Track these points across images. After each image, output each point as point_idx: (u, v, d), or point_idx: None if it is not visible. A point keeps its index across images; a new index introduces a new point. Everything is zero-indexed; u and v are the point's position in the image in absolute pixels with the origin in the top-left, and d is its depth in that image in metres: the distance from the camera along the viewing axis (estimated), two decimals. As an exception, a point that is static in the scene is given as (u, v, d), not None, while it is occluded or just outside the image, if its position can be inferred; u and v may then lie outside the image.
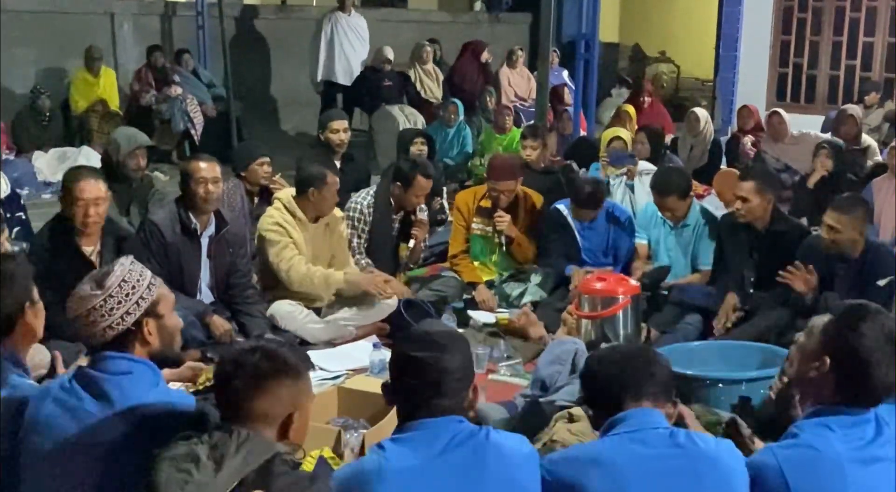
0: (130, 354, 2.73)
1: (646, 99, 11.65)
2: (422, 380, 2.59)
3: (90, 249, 4.96)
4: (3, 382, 2.81)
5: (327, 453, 3.69)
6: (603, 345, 2.95)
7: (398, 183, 6.39)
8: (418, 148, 8.14)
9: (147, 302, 2.75)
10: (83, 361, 3.47)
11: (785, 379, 3.41)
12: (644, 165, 7.83)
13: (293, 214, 5.78)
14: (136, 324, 2.73)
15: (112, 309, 2.69)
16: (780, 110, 9.30)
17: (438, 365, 2.59)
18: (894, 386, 2.62)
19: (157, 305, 2.79)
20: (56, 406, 2.66)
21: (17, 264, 3.02)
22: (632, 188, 7.58)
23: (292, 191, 5.91)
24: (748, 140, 9.89)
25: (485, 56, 12.54)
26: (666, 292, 5.97)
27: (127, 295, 2.72)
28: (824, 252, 5.30)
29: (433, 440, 2.53)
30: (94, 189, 4.90)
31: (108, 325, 2.69)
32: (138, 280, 2.76)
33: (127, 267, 2.78)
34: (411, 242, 6.58)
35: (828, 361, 2.64)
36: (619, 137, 8.10)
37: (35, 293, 3.00)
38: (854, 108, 9.62)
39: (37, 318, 2.97)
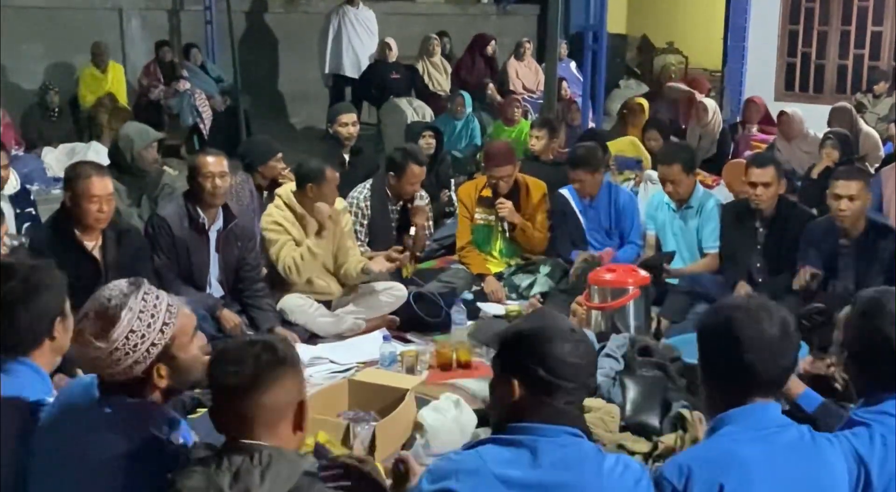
0: (141, 397, 2.54)
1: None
2: (539, 387, 2.38)
3: (91, 243, 4.95)
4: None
5: (322, 437, 3.70)
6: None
7: (392, 173, 6.44)
8: (427, 141, 8.14)
9: (158, 348, 2.51)
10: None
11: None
12: (651, 173, 7.82)
13: (293, 210, 5.79)
14: (146, 371, 2.51)
15: (119, 360, 2.47)
16: (788, 110, 9.18)
17: (561, 372, 2.39)
18: None
19: (171, 347, 2.54)
20: (70, 435, 2.52)
21: (49, 275, 2.89)
22: (637, 195, 7.57)
23: (292, 186, 5.92)
24: (754, 129, 9.90)
25: (490, 48, 12.53)
26: (675, 282, 5.97)
27: (135, 346, 2.47)
28: (838, 227, 5.36)
29: (539, 450, 2.34)
30: (105, 186, 4.88)
31: (115, 372, 2.49)
32: (149, 325, 2.50)
33: (136, 312, 2.49)
34: (412, 230, 6.60)
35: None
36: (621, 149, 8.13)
37: (67, 306, 2.89)
38: (848, 104, 9.57)
39: (66, 331, 2.85)
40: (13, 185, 6.25)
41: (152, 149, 6.44)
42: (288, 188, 5.92)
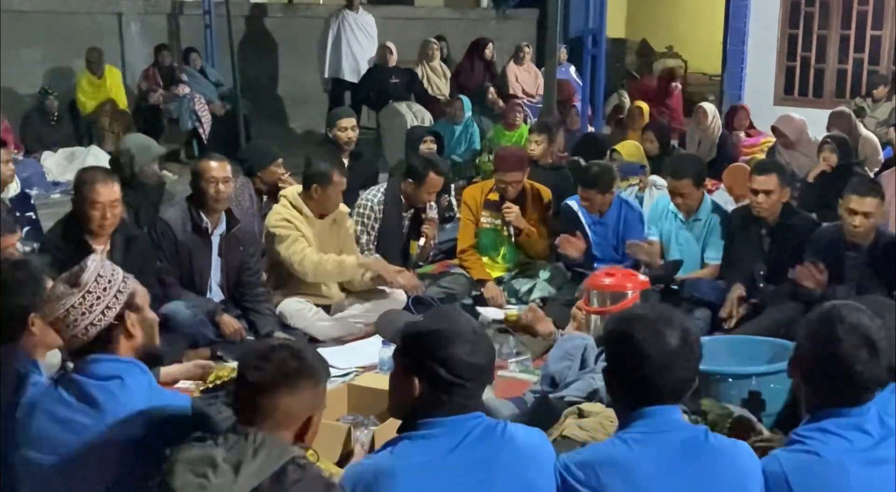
0: (116, 354, 2.64)
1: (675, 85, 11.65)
2: (440, 387, 2.48)
3: (100, 247, 4.97)
4: (26, 384, 2.79)
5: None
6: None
7: (410, 180, 6.39)
8: (428, 146, 8.14)
9: (125, 294, 2.66)
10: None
11: None
12: (655, 178, 7.82)
13: (299, 211, 5.80)
14: (119, 318, 2.64)
15: (92, 305, 2.59)
16: (793, 115, 9.11)
17: (462, 373, 2.47)
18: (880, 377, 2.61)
19: (136, 297, 2.70)
20: (48, 419, 2.60)
21: (26, 273, 2.95)
22: (641, 202, 7.54)
23: (298, 188, 5.93)
24: (742, 135, 9.92)
25: (488, 52, 12.54)
26: (676, 287, 5.96)
27: (105, 289, 2.62)
28: (848, 240, 5.33)
29: (448, 437, 2.46)
30: (110, 192, 4.90)
31: (90, 322, 2.59)
32: (113, 274, 2.67)
33: (98, 262, 2.69)
34: (422, 240, 6.58)
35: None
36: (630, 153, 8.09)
37: None
38: (847, 108, 9.56)
39: (48, 328, 2.84)
40: (13, 188, 6.24)
41: (154, 163, 6.38)
42: (293, 190, 5.93)
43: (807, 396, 2.72)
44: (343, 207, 6.05)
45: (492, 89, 11.66)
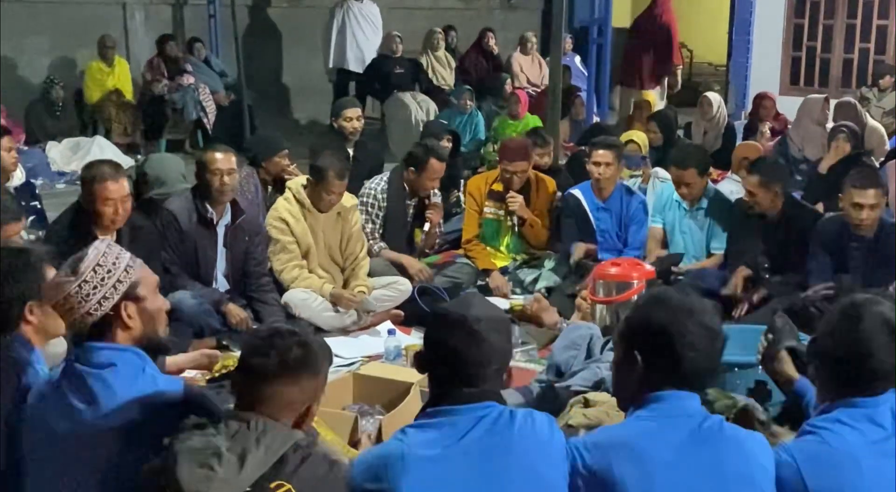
0: (112, 342, 2.64)
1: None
2: (456, 371, 2.50)
3: (107, 239, 4.96)
4: (23, 376, 2.79)
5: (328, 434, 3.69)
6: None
7: (412, 168, 6.41)
8: (444, 145, 8.08)
9: (125, 285, 2.63)
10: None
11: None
12: (658, 170, 7.79)
13: (302, 204, 5.80)
14: (115, 308, 2.62)
15: (88, 295, 2.58)
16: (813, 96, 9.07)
17: (476, 358, 2.49)
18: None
19: (137, 288, 2.67)
20: (51, 409, 2.61)
21: (25, 261, 2.93)
22: (645, 192, 7.54)
23: (303, 179, 5.93)
24: (767, 129, 9.82)
25: (491, 43, 12.50)
26: (681, 277, 5.97)
27: (102, 279, 2.60)
28: (848, 229, 5.34)
29: (458, 426, 2.45)
30: (121, 188, 4.87)
31: (86, 311, 2.59)
32: (114, 263, 2.64)
33: (102, 250, 2.65)
34: (426, 227, 6.59)
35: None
36: (633, 140, 8.06)
37: None
38: (853, 99, 9.52)
39: (48, 316, 2.88)
40: (19, 177, 6.24)
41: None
42: (298, 181, 5.93)
43: (821, 384, 2.74)
44: (351, 200, 6.05)
45: (509, 81, 11.59)
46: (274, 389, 2.38)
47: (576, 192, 6.62)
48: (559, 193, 6.81)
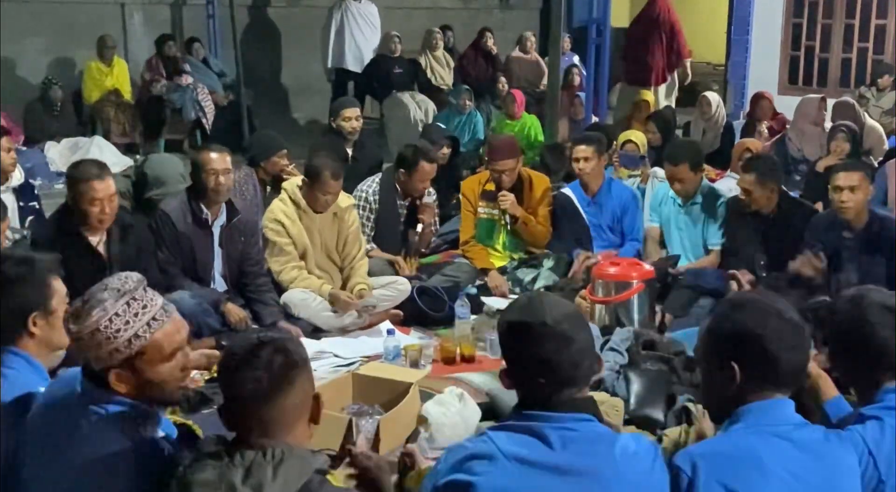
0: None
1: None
2: (551, 378, 2.37)
3: (96, 238, 4.94)
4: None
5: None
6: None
7: (402, 169, 6.45)
8: (443, 151, 8.05)
9: (142, 341, 2.41)
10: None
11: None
12: (656, 170, 7.80)
13: (297, 205, 5.80)
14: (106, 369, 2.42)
15: (99, 344, 2.39)
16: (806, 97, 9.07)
17: (570, 360, 2.37)
18: None
19: (141, 357, 2.43)
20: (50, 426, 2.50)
21: (28, 270, 2.83)
22: (643, 193, 7.55)
23: (298, 180, 5.93)
24: (764, 128, 9.80)
25: (489, 42, 12.51)
26: (680, 278, 5.97)
27: (117, 331, 2.39)
28: (841, 220, 5.40)
29: (553, 435, 2.33)
30: (107, 187, 4.85)
31: (96, 357, 2.41)
32: (137, 314, 2.42)
33: (110, 313, 2.40)
34: (419, 227, 6.60)
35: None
36: (631, 140, 8.07)
37: (54, 301, 2.84)
38: (851, 98, 9.52)
39: (51, 326, 2.81)
40: (17, 178, 6.23)
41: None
42: (293, 182, 5.92)
43: (843, 372, 2.91)
44: (348, 200, 6.05)
45: (502, 80, 11.60)
46: (277, 403, 2.24)
47: (566, 190, 6.72)
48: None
